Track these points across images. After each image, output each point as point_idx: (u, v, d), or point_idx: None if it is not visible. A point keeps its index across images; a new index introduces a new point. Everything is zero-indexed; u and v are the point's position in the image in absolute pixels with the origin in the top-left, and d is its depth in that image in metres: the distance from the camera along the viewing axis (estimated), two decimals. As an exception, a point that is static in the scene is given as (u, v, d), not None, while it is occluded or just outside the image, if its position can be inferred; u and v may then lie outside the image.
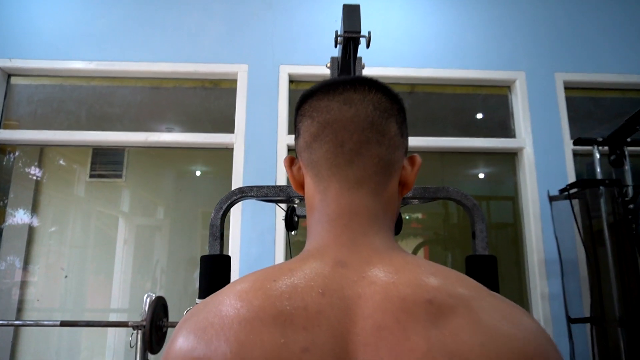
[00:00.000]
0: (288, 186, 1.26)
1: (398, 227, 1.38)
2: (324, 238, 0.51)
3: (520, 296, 2.31)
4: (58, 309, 2.58)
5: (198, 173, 3.09)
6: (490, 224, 2.56)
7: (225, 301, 0.46)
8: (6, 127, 2.49)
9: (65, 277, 2.69)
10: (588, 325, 1.85)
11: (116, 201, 2.96)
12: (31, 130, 2.45)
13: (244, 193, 1.26)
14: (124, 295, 2.70)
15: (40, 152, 2.81)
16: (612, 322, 1.70)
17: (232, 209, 2.32)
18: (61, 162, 2.84)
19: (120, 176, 2.95)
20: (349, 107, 0.52)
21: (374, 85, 0.54)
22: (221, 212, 1.25)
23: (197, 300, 1.17)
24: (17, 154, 2.65)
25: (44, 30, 2.48)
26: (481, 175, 2.83)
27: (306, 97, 0.56)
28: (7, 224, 2.60)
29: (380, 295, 0.44)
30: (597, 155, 1.95)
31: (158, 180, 3.02)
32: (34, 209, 2.69)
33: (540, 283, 2.22)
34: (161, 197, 3.01)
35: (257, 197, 1.26)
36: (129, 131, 2.49)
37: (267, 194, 1.25)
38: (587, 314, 1.87)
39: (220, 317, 0.45)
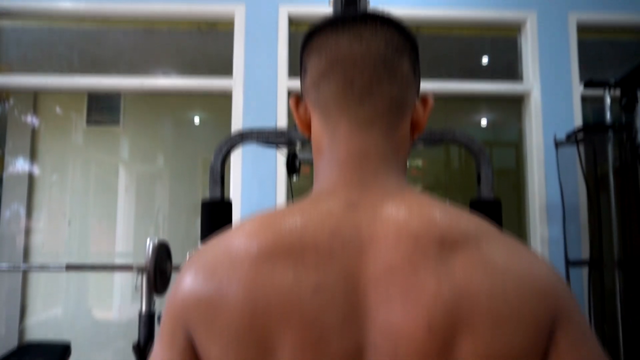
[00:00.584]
0: (289, 129, 1.22)
1: None
2: (333, 180, 0.49)
3: (519, 240, 2.34)
4: (63, 253, 2.63)
5: (197, 120, 3.04)
6: (493, 184, 2.54)
7: (235, 241, 0.45)
8: (-3, 71, 2.41)
9: (69, 223, 2.71)
10: (585, 270, 1.88)
11: (115, 149, 2.93)
12: (24, 75, 2.37)
13: (244, 137, 1.22)
14: (127, 241, 2.73)
15: (34, 99, 2.74)
16: (610, 265, 1.73)
17: (232, 155, 2.29)
18: (57, 109, 2.79)
19: (117, 123, 2.90)
20: (359, 43, 0.48)
21: (386, 20, 0.51)
22: (221, 156, 1.22)
23: (200, 246, 1.17)
24: (11, 102, 2.58)
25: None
26: (484, 123, 2.78)
27: (313, 33, 0.52)
28: (7, 172, 2.58)
29: (392, 236, 0.42)
30: (608, 99, 1.88)
31: (156, 128, 2.97)
32: (33, 158, 2.66)
33: (540, 228, 2.23)
34: (160, 145, 2.98)
35: (257, 140, 1.23)
36: (123, 76, 2.40)
37: (268, 137, 1.21)
38: (586, 259, 1.90)
39: (230, 257, 0.44)
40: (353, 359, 0.40)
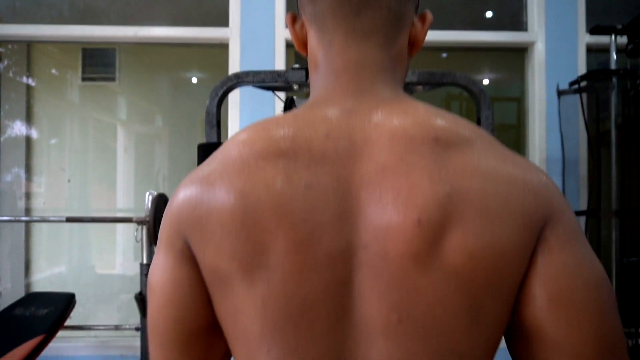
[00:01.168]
0: (286, 71, 1.19)
1: None
2: (329, 89, 0.48)
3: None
4: (64, 209, 2.64)
5: (194, 80, 2.98)
6: (493, 126, 2.52)
7: (227, 148, 0.45)
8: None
9: (69, 181, 2.71)
10: (583, 221, 1.89)
11: (112, 107, 2.90)
12: (14, 25, 2.30)
13: (240, 78, 1.19)
14: (127, 200, 2.74)
15: (27, 56, 2.67)
16: (608, 214, 1.73)
17: (230, 101, 2.26)
18: (51, 65, 2.73)
19: (113, 79, 2.85)
20: None
21: None
22: (217, 99, 1.20)
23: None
24: (4, 62, 2.53)
25: None
26: (486, 82, 2.73)
27: None
28: (6, 135, 2.56)
29: (386, 138, 0.42)
30: (614, 45, 1.84)
31: (153, 87, 2.93)
32: (29, 117, 2.63)
33: (539, 181, 2.23)
34: (158, 105, 2.95)
35: (254, 83, 1.20)
36: (117, 26, 2.34)
37: (265, 79, 1.19)
38: (584, 210, 1.91)
39: (222, 163, 0.44)
40: (344, 257, 0.40)
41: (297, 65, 1.20)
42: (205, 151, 1.19)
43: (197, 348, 0.45)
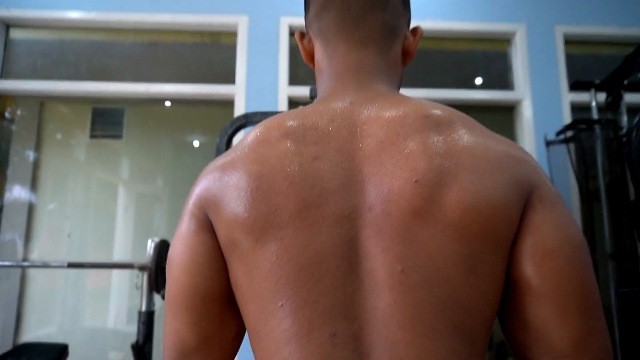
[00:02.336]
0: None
1: None
2: (332, 89, 0.55)
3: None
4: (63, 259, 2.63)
5: (196, 143, 3.11)
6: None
7: (246, 136, 0.51)
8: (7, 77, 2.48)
9: (69, 236, 2.73)
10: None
11: (116, 167, 2.97)
12: (31, 81, 2.45)
13: (249, 118, 1.28)
14: (124, 255, 2.75)
15: (39, 111, 2.80)
16: (603, 257, 1.77)
17: (238, 137, 2.35)
18: (61, 124, 2.85)
19: (120, 137, 2.97)
20: None
21: None
22: (226, 137, 1.28)
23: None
24: (17, 112, 2.65)
25: (41, -20, 2.46)
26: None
27: None
28: (7, 197, 2.61)
29: (383, 120, 0.48)
30: (594, 98, 1.97)
31: (157, 147, 3.03)
32: (34, 184, 2.68)
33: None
34: (160, 165, 3.03)
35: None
36: (128, 82, 2.48)
37: (271, 119, 1.27)
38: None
39: (241, 145, 0.50)
40: (350, 219, 0.44)
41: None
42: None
43: (210, 319, 0.48)
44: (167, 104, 2.80)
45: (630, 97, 1.93)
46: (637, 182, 1.19)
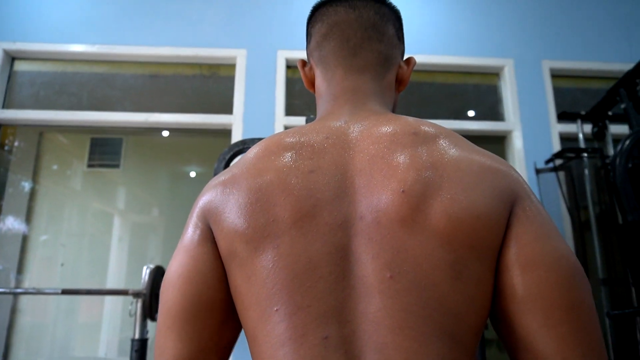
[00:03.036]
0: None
1: None
2: (329, 109, 0.60)
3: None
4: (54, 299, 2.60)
5: (193, 174, 3.15)
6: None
7: (246, 153, 0.55)
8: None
9: (62, 265, 2.72)
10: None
11: (112, 197, 2.98)
12: (32, 110, 2.50)
13: (246, 144, 1.32)
14: (118, 284, 2.73)
15: (38, 144, 2.83)
16: (596, 283, 1.78)
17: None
18: (59, 154, 2.88)
19: (117, 166, 3.00)
20: (353, 10, 0.61)
21: None
22: (224, 162, 1.31)
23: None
24: (15, 143, 2.69)
25: (47, 14, 2.55)
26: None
27: (317, 7, 0.65)
28: (4, 225, 2.62)
29: (375, 136, 0.51)
30: (581, 128, 2.04)
31: (154, 177, 3.06)
32: (28, 214, 2.69)
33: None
34: (156, 196, 3.05)
35: (258, 148, 1.33)
36: (128, 112, 2.54)
37: (268, 145, 1.32)
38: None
39: (242, 162, 0.53)
40: (343, 228, 0.47)
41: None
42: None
43: (210, 328, 0.48)
44: (165, 134, 2.85)
45: (615, 128, 2.00)
46: (622, 207, 1.23)
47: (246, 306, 0.47)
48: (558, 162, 2.02)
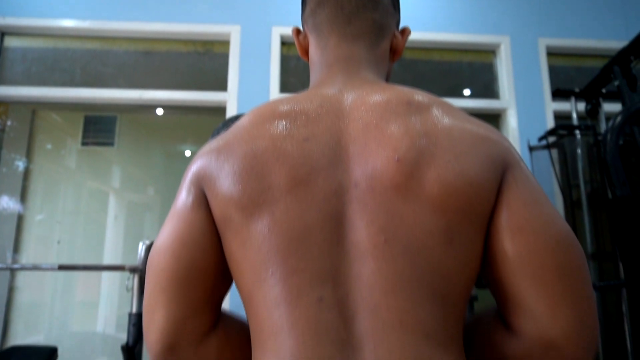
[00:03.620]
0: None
1: None
2: (323, 77, 0.59)
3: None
4: (51, 275, 2.62)
5: (187, 153, 3.13)
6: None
7: (240, 120, 0.55)
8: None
9: (58, 242, 2.73)
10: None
11: (107, 175, 2.98)
12: (25, 87, 2.47)
13: (239, 119, 1.32)
14: (115, 258, 2.75)
15: (31, 122, 2.81)
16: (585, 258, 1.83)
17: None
18: (53, 132, 2.86)
19: (112, 144, 2.99)
20: None
21: None
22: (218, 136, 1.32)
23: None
24: (8, 123, 2.66)
25: (37, -12, 2.50)
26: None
27: None
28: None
29: (369, 104, 0.52)
30: (574, 106, 2.05)
31: (148, 155, 3.05)
32: (23, 192, 2.68)
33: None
34: (151, 174, 3.05)
35: (252, 123, 1.33)
36: (122, 89, 2.52)
37: (263, 120, 1.32)
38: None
39: (235, 128, 0.54)
40: (337, 195, 0.47)
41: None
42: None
43: (203, 291, 0.49)
44: (159, 111, 2.84)
45: (609, 106, 2.01)
46: (611, 182, 1.25)
47: (242, 271, 0.48)
48: (551, 139, 2.03)
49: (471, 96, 2.71)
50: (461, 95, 2.73)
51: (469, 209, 0.46)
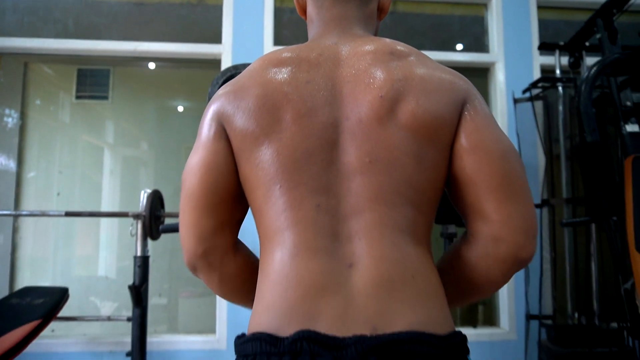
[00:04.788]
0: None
1: None
2: (320, 32, 0.70)
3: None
4: (53, 227, 2.72)
5: (180, 108, 3.17)
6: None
7: (252, 64, 0.66)
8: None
9: (58, 194, 2.81)
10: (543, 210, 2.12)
11: (101, 130, 3.01)
12: (17, 38, 2.48)
13: (238, 69, 1.39)
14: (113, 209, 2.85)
15: (23, 75, 2.81)
16: (562, 202, 1.97)
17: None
18: (46, 85, 2.87)
19: (106, 97, 3.01)
20: None
21: None
22: (217, 86, 1.39)
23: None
24: (1, 80, 2.67)
25: None
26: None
27: None
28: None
29: (359, 54, 0.63)
30: (558, 59, 2.13)
31: (142, 110, 3.08)
32: (20, 145, 2.72)
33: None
34: (145, 130, 3.08)
35: (250, 73, 1.40)
36: (116, 41, 2.53)
37: (259, 70, 1.39)
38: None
39: (248, 72, 0.64)
40: (333, 126, 0.59)
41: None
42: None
43: (225, 209, 0.62)
44: (151, 66, 2.86)
45: (591, 60, 2.08)
46: (582, 129, 1.35)
47: (254, 188, 0.60)
48: (535, 92, 2.12)
49: (462, 50, 2.76)
50: (451, 49, 2.78)
51: (435, 136, 0.58)
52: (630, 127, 1.52)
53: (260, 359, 0.51)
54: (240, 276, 0.65)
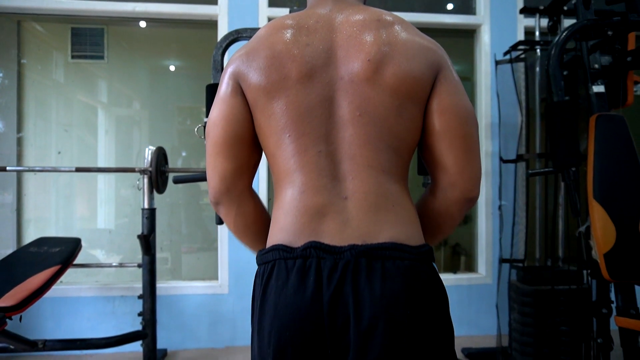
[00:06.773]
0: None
1: None
2: (315, 1, 0.81)
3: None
4: (53, 183, 2.84)
5: (172, 68, 3.21)
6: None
7: (259, 30, 0.77)
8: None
9: (59, 153, 2.91)
10: (519, 165, 2.31)
11: (96, 87, 3.06)
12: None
13: (240, 34, 1.51)
14: (109, 177, 2.95)
15: (17, 33, 2.83)
16: (535, 158, 2.15)
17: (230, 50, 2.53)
18: (40, 44, 2.89)
19: (102, 57, 3.05)
20: None
21: None
22: (221, 50, 1.51)
23: (205, 119, 1.46)
24: None
25: None
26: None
27: None
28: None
29: (351, 21, 0.74)
30: (538, 23, 2.25)
31: (136, 69, 3.10)
32: (20, 90, 2.78)
33: (485, 143, 2.64)
34: (138, 89, 3.12)
35: (250, 37, 1.51)
36: (113, 1, 2.58)
37: (259, 34, 1.50)
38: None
39: (257, 37, 0.76)
40: (330, 84, 0.72)
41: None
42: (212, 91, 1.49)
43: (243, 154, 0.76)
44: (142, 24, 2.89)
45: (569, 23, 2.21)
46: (550, 91, 1.50)
47: (267, 136, 0.74)
48: (515, 54, 2.25)
49: (450, 10, 2.85)
50: (442, 10, 2.87)
51: (413, 94, 0.71)
52: (597, 88, 1.68)
53: (278, 263, 0.68)
54: (252, 214, 0.80)
